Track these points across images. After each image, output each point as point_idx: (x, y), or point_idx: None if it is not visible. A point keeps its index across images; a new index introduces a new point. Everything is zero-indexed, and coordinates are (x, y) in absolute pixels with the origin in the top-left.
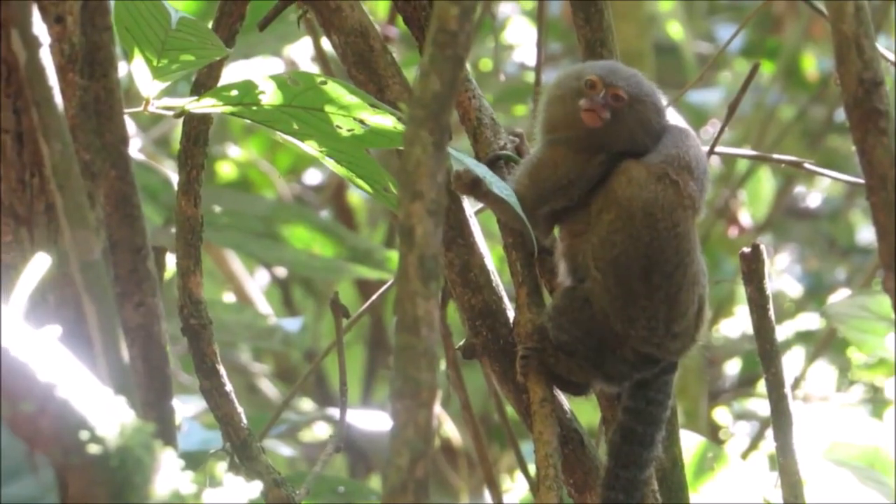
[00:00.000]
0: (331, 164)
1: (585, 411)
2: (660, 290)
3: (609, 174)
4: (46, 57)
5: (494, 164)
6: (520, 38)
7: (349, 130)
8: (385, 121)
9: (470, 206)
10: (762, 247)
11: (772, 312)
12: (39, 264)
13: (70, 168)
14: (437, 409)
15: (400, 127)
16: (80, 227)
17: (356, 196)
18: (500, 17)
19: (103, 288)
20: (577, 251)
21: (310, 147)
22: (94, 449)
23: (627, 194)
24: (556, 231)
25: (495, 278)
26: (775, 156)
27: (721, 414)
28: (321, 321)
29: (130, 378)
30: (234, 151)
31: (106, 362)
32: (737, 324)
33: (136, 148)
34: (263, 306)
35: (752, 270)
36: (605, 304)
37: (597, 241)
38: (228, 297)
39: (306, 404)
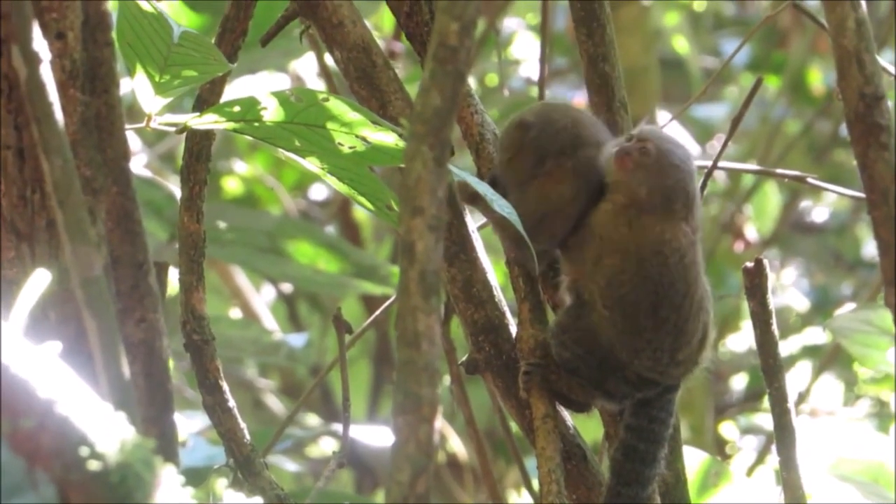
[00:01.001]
0: (332, 181)
1: (589, 427)
2: (667, 323)
3: (595, 218)
4: (47, 73)
5: (496, 182)
6: (525, 53)
7: (351, 147)
8: (387, 137)
9: (472, 221)
10: (765, 261)
11: (775, 327)
12: (40, 280)
13: (71, 184)
14: (442, 424)
15: (402, 144)
16: (81, 243)
17: (361, 212)
18: (505, 32)
19: (104, 304)
20: (581, 289)
21: (311, 164)
22: (94, 465)
23: (638, 240)
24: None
25: (498, 294)
26: (779, 170)
27: (727, 429)
28: (327, 336)
29: (131, 394)
30: (240, 167)
31: (107, 378)
32: (743, 338)
33: (141, 163)
34: (269, 322)
35: (755, 285)
36: (610, 336)
37: (604, 283)
38: (234, 313)
39: (312, 420)
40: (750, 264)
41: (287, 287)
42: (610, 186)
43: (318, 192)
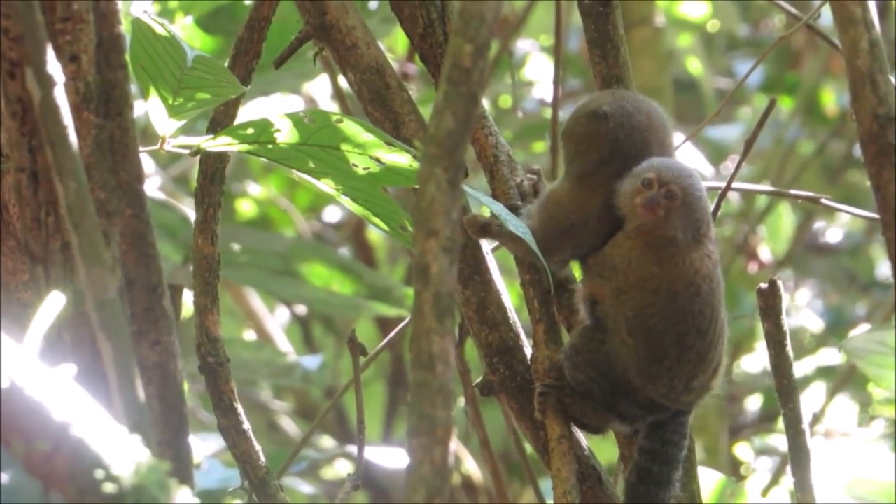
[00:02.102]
0: (347, 202)
1: (604, 448)
2: (692, 350)
3: (615, 253)
4: (61, 95)
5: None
6: (539, 75)
7: (365, 169)
8: (401, 159)
9: (487, 243)
10: (779, 282)
11: (789, 348)
12: (55, 303)
13: (85, 207)
14: (457, 445)
15: (416, 165)
16: (96, 266)
17: (376, 233)
18: (519, 53)
19: (119, 326)
20: (603, 315)
21: (326, 185)
22: (109, 488)
23: (669, 276)
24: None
25: (512, 315)
26: (792, 191)
27: (742, 450)
28: (341, 359)
29: (146, 416)
30: (254, 189)
31: (121, 401)
32: (757, 359)
33: (155, 186)
34: (283, 344)
35: (770, 306)
36: (628, 362)
37: (631, 314)
38: (248, 335)
39: (327, 442)
40: (764, 285)
41: (301, 309)
42: (633, 228)
43: (331, 214)
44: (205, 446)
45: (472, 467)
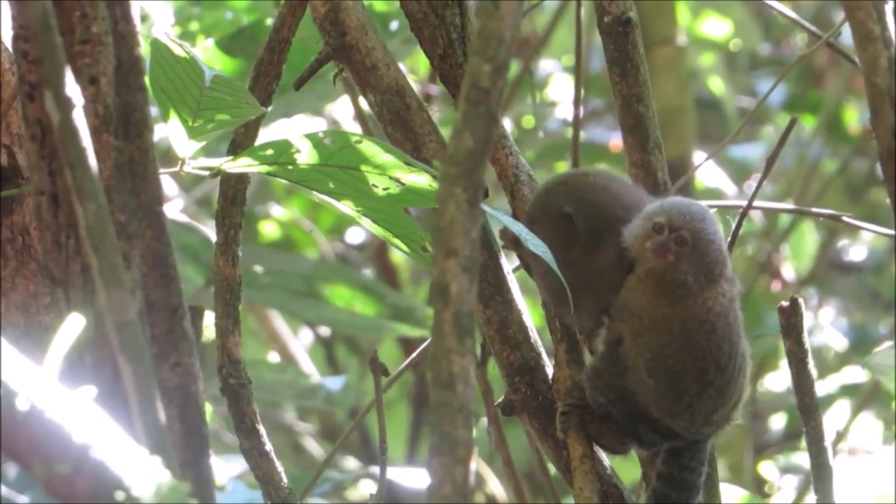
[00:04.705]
0: (367, 223)
1: (627, 467)
2: (712, 386)
3: (630, 296)
4: (80, 118)
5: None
6: (562, 95)
7: (385, 189)
8: (420, 179)
9: (508, 263)
10: (801, 300)
11: (811, 366)
12: (75, 325)
13: (105, 229)
14: (481, 465)
15: (435, 185)
16: (116, 288)
17: (399, 255)
18: (542, 73)
19: (139, 348)
20: (623, 355)
21: (346, 207)
22: None
23: (682, 317)
24: None
25: (534, 335)
26: (814, 209)
27: (767, 468)
28: (365, 379)
29: (167, 438)
30: (277, 211)
31: (142, 423)
32: (781, 378)
33: (178, 208)
34: (307, 365)
35: (791, 324)
36: (649, 400)
37: (649, 355)
38: (273, 357)
39: (351, 463)
40: (786, 303)
41: (325, 330)
42: (644, 272)
43: (354, 236)
44: (230, 468)
45: (496, 487)
